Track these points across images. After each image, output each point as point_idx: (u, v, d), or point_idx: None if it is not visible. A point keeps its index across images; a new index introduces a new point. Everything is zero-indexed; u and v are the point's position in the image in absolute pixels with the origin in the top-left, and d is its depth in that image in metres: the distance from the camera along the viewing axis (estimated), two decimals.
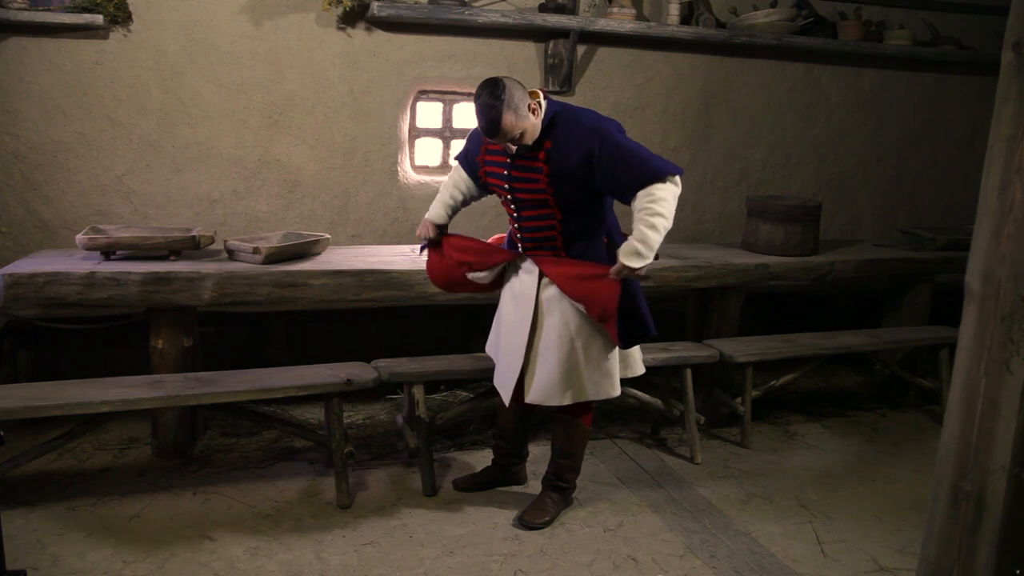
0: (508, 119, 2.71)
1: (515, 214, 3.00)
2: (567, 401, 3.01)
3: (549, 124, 2.82)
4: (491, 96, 2.70)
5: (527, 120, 2.76)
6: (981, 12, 5.20)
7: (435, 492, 3.36)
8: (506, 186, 2.94)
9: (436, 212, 3.20)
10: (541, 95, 2.83)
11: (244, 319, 4.22)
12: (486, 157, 3.01)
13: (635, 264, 2.78)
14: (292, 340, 4.38)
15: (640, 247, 2.77)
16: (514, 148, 2.82)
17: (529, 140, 2.80)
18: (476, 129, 3.02)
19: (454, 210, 3.22)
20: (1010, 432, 1.48)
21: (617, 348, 3.03)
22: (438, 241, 3.19)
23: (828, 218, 4.96)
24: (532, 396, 3.03)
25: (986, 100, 3.64)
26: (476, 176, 3.11)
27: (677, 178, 2.81)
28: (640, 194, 2.78)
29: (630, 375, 3.17)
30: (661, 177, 2.76)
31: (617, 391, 3.06)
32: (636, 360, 3.17)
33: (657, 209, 2.75)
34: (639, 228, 2.77)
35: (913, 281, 4.67)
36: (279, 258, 3.55)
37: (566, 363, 2.97)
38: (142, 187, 3.95)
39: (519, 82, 2.80)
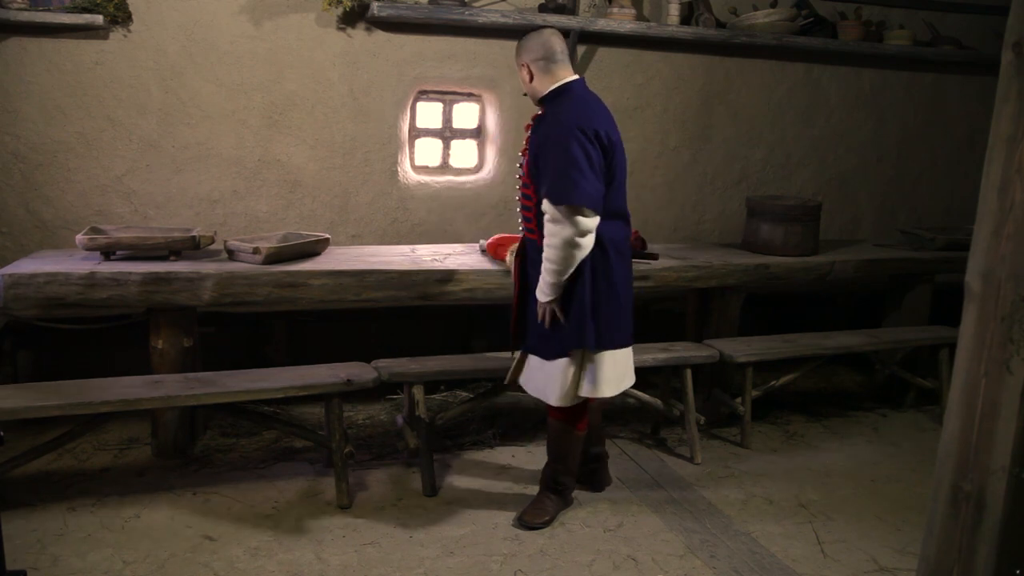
0: (518, 50, 2.98)
1: (517, 185, 3.10)
2: (526, 388, 3.09)
3: (549, 97, 2.94)
4: (528, 34, 3.00)
5: (523, 69, 2.96)
6: (981, 12, 5.20)
7: (435, 492, 3.36)
8: (520, 153, 3.08)
9: None
10: (570, 77, 2.92)
11: (244, 319, 4.22)
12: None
13: (542, 299, 2.93)
14: (292, 340, 4.38)
15: (539, 291, 2.93)
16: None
17: (527, 89, 2.99)
18: None
19: None
20: (1010, 432, 1.48)
21: (569, 360, 2.91)
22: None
23: (828, 218, 4.96)
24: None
25: (986, 100, 3.63)
26: None
27: (574, 217, 2.74)
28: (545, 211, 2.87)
29: (593, 395, 2.97)
30: (553, 200, 2.78)
31: (554, 400, 2.95)
32: (606, 380, 2.96)
33: (545, 255, 2.86)
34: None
35: (913, 281, 4.67)
36: (279, 258, 3.55)
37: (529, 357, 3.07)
38: (142, 187, 3.95)
39: (559, 41, 2.94)
